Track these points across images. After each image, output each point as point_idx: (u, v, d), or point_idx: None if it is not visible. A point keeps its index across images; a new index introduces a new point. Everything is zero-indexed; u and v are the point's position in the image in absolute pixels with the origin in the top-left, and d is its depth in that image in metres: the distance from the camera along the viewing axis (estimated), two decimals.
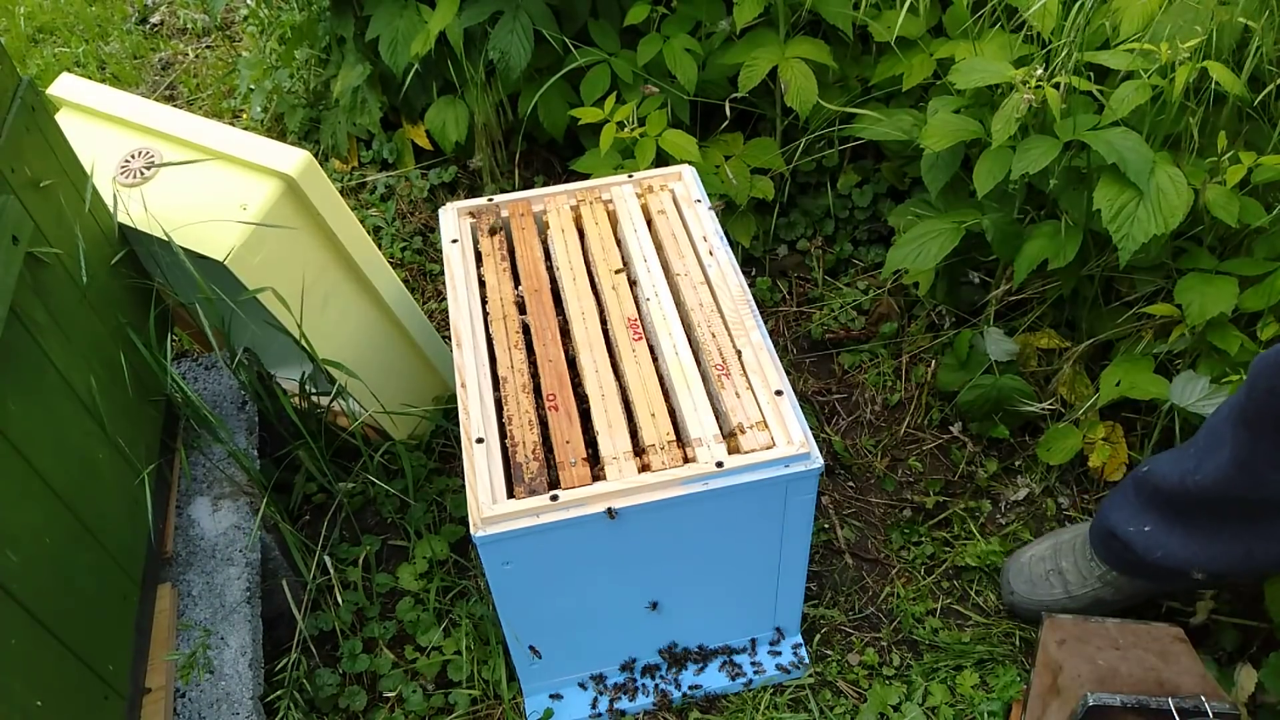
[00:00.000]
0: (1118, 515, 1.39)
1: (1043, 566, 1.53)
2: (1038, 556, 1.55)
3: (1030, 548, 1.57)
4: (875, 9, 1.85)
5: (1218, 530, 1.28)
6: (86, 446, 1.24)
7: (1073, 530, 1.55)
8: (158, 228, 1.40)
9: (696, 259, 1.45)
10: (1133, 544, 1.36)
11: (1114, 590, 1.45)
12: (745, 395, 1.27)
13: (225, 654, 1.38)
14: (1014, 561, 1.57)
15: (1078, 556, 1.49)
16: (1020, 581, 1.54)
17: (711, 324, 1.35)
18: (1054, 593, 1.50)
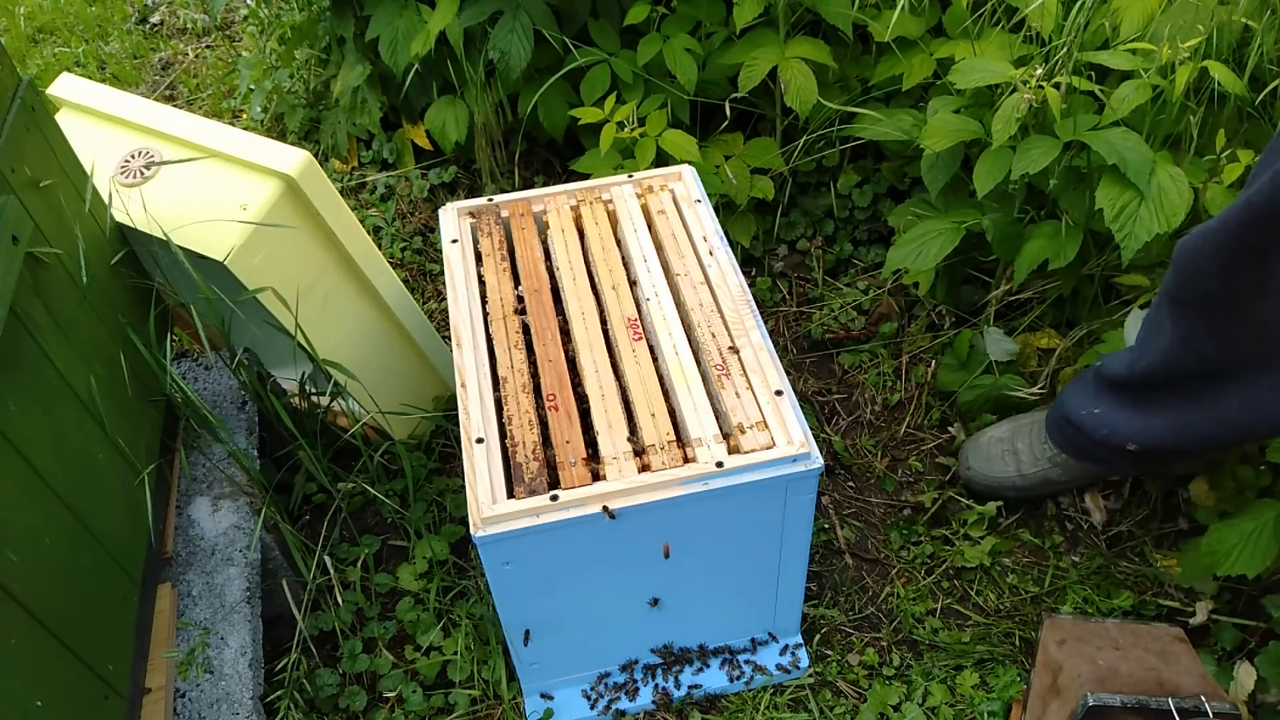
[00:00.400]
0: (1074, 401, 1.53)
1: (999, 447, 1.67)
2: (996, 438, 1.68)
3: (990, 430, 1.71)
4: (875, 9, 1.85)
5: (1160, 407, 1.43)
6: (86, 446, 1.24)
7: (1030, 416, 1.69)
8: (157, 228, 1.40)
9: (696, 259, 1.45)
10: (1084, 426, 1.51)
11: (1061, 471, 1.61)
12: (745, 395, 1.27)
13: (225, 654, 1.38)
14: (973, 442, 1.71)
15: (1033, 439, 1.63)
16: (978, 459, 1.68)
17: (711, 324, 1.35)
18: (1007, 470, 1.65)
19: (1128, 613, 1.57)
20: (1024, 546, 1.69)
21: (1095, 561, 1.64)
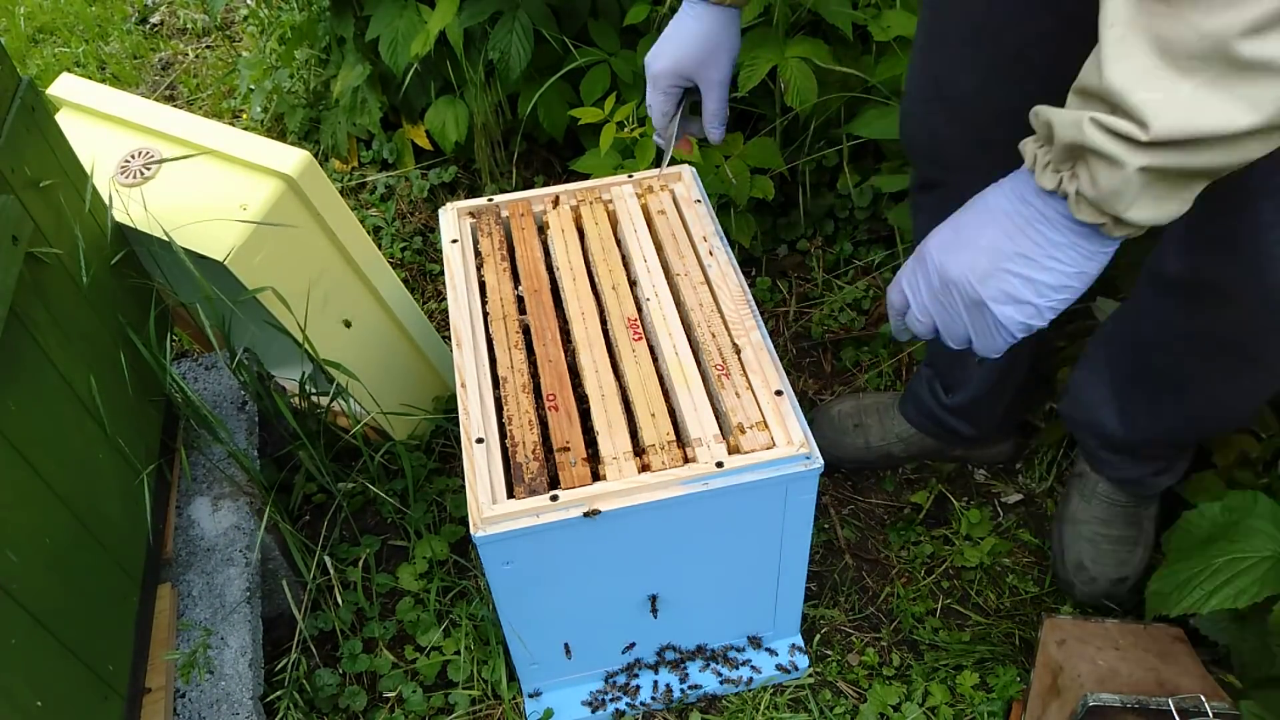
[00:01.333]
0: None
1: (849, 420, 1.78)
2: (844, 412, 1.80)
3: (837, 404, 1.81)
4: (875, 9, 1.85)
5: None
6: (86, 446, 1.24)
7: (873, 396, 1.81)
8: (157, 228, 1.40)
9: (696, 259, 1.45)
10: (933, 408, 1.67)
11: (904, 446, 1.74)
12: (745, 395, 1.27)
13: (225, 654, 1.38)
14: (823, 413, 1.81)
15: (883, 417, 1.76)
16: (829, 429, 1.78)
17: (711, 324, 1.35)
18: (855, 443, 1.76)
19: (1127, 613, 1.57)
20: (1024, 546, 1.69)
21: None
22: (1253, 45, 0.65)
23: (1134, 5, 0.69)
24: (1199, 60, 0.67)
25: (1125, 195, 0.75)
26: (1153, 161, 0.72)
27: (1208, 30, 0.66)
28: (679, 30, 1.29)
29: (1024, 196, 0.85)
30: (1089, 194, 0.78)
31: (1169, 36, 0.68)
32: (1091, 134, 0.74)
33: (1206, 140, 0.70)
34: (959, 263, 0.89)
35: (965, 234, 0.89)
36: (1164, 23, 0.68)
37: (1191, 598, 1.19)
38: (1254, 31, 0.64)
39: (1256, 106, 0.67)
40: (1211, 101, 0.68)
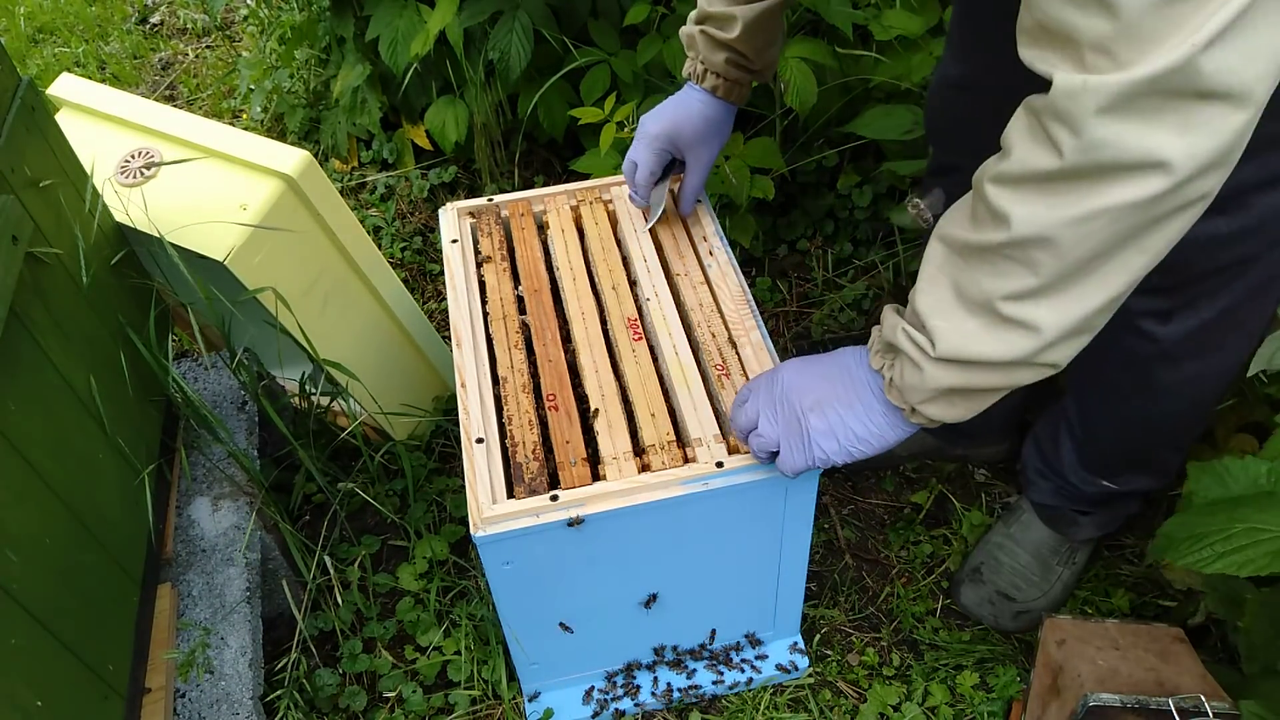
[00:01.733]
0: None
1: None
2: None
3: None
4: (875, 9, 1.85)
5: None
6: (86, 446, 1.24)
7: None
8: (156, 228, 1.39)
9: (696, 259, 1.45)
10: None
11: (905, 445, 1.75)
12: None
13: (225, 654, 1.38)
14: None
15: None
16: None
17: (711, 324, 1.35)
18: None
19: (1127, 614, 1.57)
20: None
21: (1094, 563, 1.64)
22: (1009, 307, 0.86)
23: (945, 255, 0.92)
24: (979, 306, 0.88)
25: (919, 392, 0.96)
26: (940, 373, 0.93)
27: (985, 289, 0.87)
28: (684, 106, 1.38)
29: (862, 363, 1.06)
30: (897, 383, 0.98)
31: (963, 285, 0.89)
32: (901, 339, 0.96)
33: (978, 364, 0.90)
34: (800, 386, 1.08)
35: (814, 369, 1.09)
36: (962, 274, 0.90)
37: (1199, 555, 1.17)
38: (1012, 298, 0.86)
39: (1011, 348, 0.88)
40: (983, 337, 0.89)
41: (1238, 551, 1.15)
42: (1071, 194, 0.79)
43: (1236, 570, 1.12)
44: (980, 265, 0.87)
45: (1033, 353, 0.88)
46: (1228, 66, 0.70)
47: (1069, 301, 0.85)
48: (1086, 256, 0.81)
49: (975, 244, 0.87)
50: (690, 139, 1.39)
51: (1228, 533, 1.17)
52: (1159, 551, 1.22)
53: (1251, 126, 0.75)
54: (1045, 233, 0.81)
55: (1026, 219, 0.81)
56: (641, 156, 1.41)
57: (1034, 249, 0.82)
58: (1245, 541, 1.15)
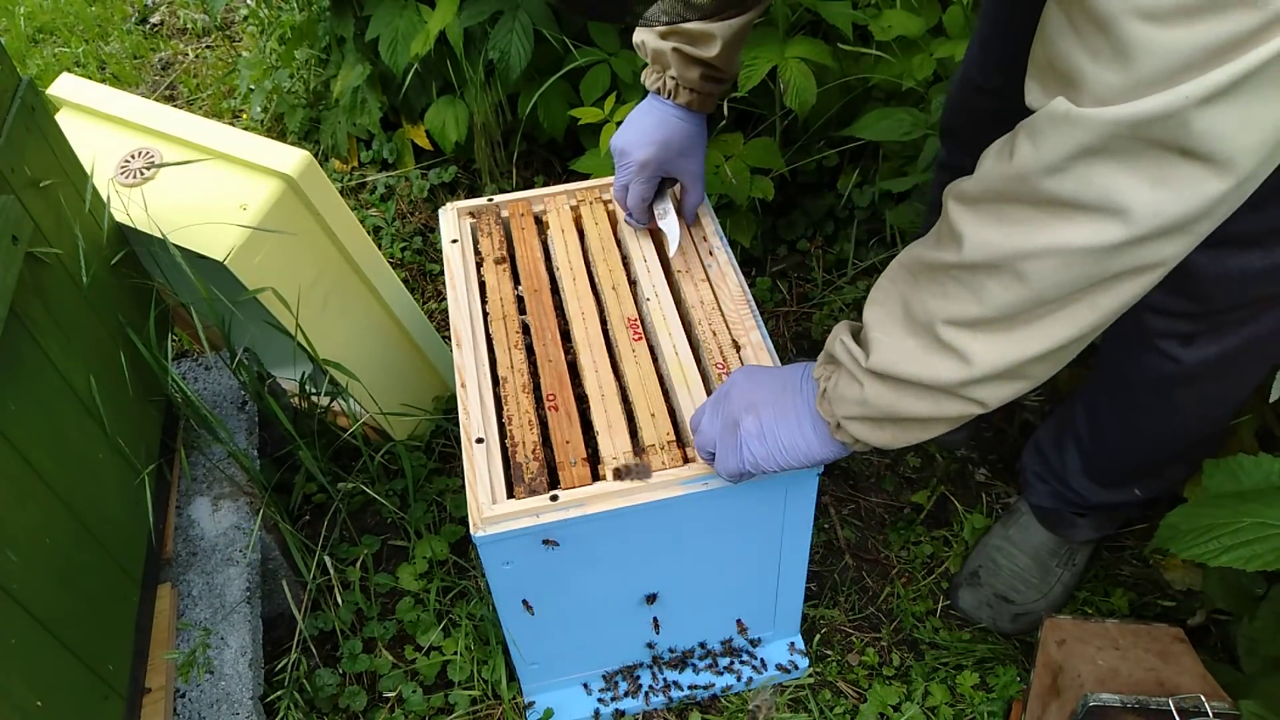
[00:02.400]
0: None
1: None
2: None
3: None
4: (875, 9, 1.85)
5: None
6: (86, 446, 1.24)
7: None
8: (157, 228, 1.40)
9: (697, 258, 1.45)
10: None
11: None
12: None
13: (225, 654, 1.38)
14: None
15: None
16: None
17: (712, 323, 1.35)
18: None
19: (1127, 614, 1.57)
20: None
21: (1094, 563, 1.64)
22: (948, 331, 0.85)
23: (899, 271, 0.92)
24: (921, 326, 0.88)
25: (847, 405, 0.96)
26: (870, 387, 0.93)
27: (929, 309, 0.86)
28: (665, 126, 1.36)
29: (807, 374, 1.06)
30: (830, 394, 0.98)
31: (910, 302, 0.89)
32: (839, 349, 0.97)
33: (907, 383, 0.90)
34: (743, 390, 1.08)
35: (763, 376, 1.09)
36: (911, 292, 0.89)
37: (1205, 548, 1.16)
38: (952, 323, 0.85)
39: (939, 373, 0.87)
40: (916, 356, 0.88)
41: (1245, 545, 1.14)
42: (1026, 224, 0.77)
43: (1244, 564, 1.12)
44: (929, 284, 0.87)
45: (959, 383, 0.87)
46: (1219, 129, 0.66)
47: (1006, 341, 0.83)
48: (1033, 299, 0.80)
49: (929, 261, 0.86)
50: (680, 159, 1.38)
51: (1234, 526, 1.16)
52: (1162, 542, 1.21)
53: (1229, 201, 0.71)
54: (994, 259, 0.79)
55: (979, 243, 0.80)
56: (635, 188, 1.39)
57: (983, 274, 0.81)
58: (1252, 536, 1.14)
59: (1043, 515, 1.58)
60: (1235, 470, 1.25)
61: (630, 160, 1.37)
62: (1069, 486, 1.51)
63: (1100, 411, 1.43)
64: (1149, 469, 1.45)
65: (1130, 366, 1.33)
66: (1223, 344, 1.21)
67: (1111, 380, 1.40)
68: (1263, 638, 1.23)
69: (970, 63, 1.39)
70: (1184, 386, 1.28)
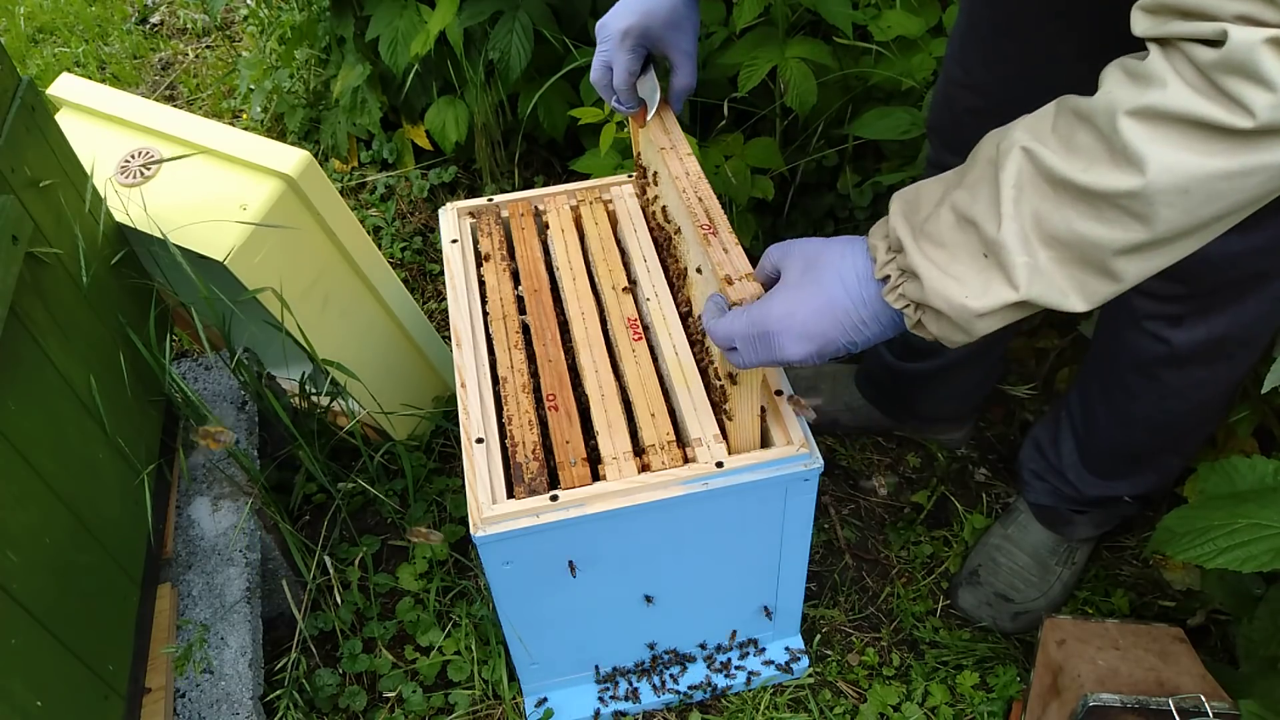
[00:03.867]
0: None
1: (802, 384, 1.85)
2: (802, 376, 1.87)
3: (798, 369, 1.86)
4: (875, 9, 1.85)
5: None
6: (86, 446, 1.24)
7: (833, 366, 1.88)
8: (157, 228, 1.40)
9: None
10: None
11: (851, 416, 1.83)
12: None
13: (225, 654, 1.38)
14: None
15: (836, 384, 1.84)
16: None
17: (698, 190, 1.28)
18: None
19: (1127, 614, 1.57)
20: None
21: (1094, 563, 1.64)
22: (1118, 261, 0.74)
23: (1032, 179, 0.76)
24: (1064, 247, 0.75)
25: (966, 314, 0.81)
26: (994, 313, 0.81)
27: (1079, 232, 0.74)
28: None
29: (863, 277, 0.92)
30: (915, 297, 0.85)
31: (1051, 221, 0.75)
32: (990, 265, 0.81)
33: (1036, 308, 0.79)
34: (782, 319, 0.94)
35: (805, 293, 0.94)
36: (1052, 210, 0.75)
37: (1201, 550, 1.16)
38: (1120, 252, 0.74)
39: (1089, 299, 0.77)
40: (1057, 280, 0.77)
41: (1241, 547, 1.14)
42: (1241, 150, 0.67)
43: (1239, 566, 1.13)
44: (1080, 207, 0.73)
45: (1098, 303, 0.77)
46: None
47: (1161, 256, 0.74)
48: (1215, 214, 0.71)
49: (1079, 184, 0.72)
50: (666, 31, 1.23)
51: (1230, 528, 1.16)
52: (1159, 545, 1.22)
53: None
54: (1186, 184, 0.69)
55: (1169, 167, 0.69)
56: (616, 58, 1.24)
57: (1161, 202, 0.70)
58: (1248, 537, 1.15)
59: (1042, 513, 1.58)
60: (1230, 472, 1.26)
61: (609, 31, 1.23)
62: (1066, 480, 1.52)
63: (1093, 398, 1.44)
64: (1143, 459, 1.46)
65: (1121, 351, 1.34)
66: (1209, 326, 1.22)
67: (1104, 365, 1.41)
68: (1260, 638, 1.23)
69: (951, 59, 1.38)
70: (1173, 369, 1.29)
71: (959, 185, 0.82)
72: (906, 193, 0.89)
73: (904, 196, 0.89)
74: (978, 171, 0.80)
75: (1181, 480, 1.59)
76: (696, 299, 1.33)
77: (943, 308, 0.82)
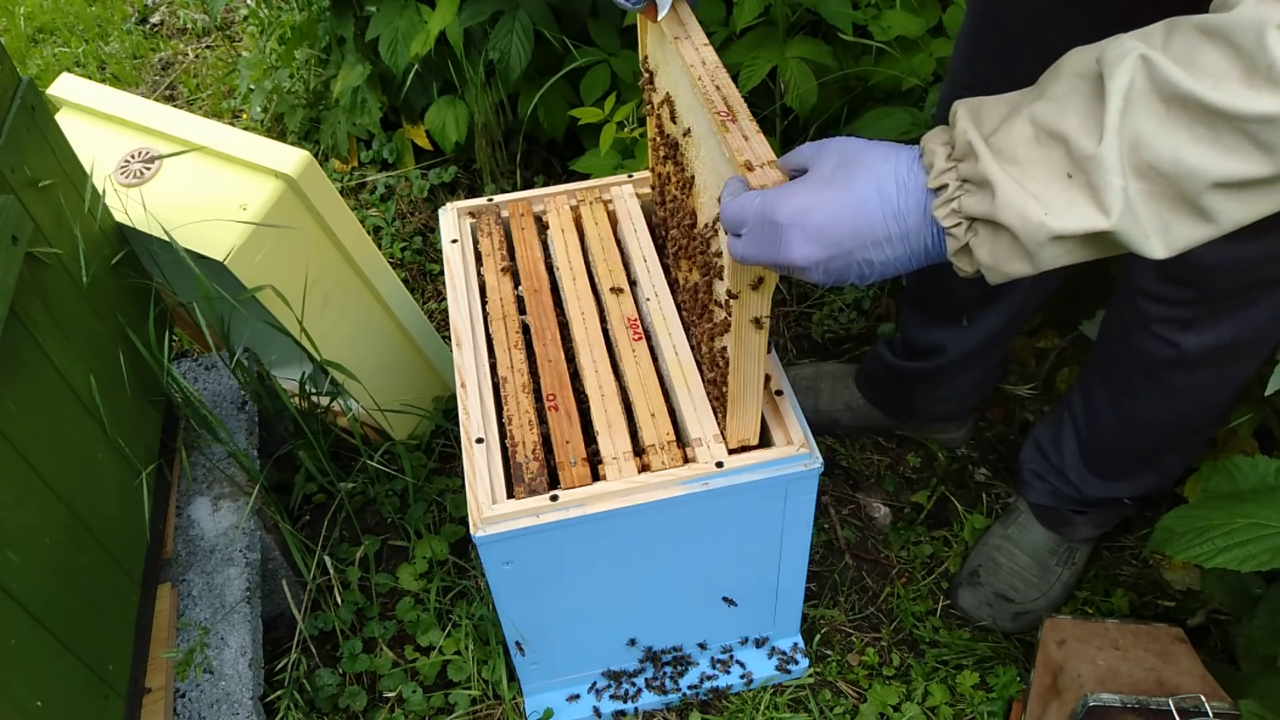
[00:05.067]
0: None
1: (802, 384, 1.84)
2: (801, 375, 1.86)
3: (796, 369, 1.88)
4: (875, 9, 1.85)
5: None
6: (86, 446, 1.24)
7: (832, 365, 1.88)
8: (157, 228, 1.40)
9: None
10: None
11: (851, 415, 1.82)
12: None
13: (225, 654, 1.38)
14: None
15: (835, 384, 1.83)
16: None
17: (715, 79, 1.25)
18: (805, 404, 1.78)
19: (1127, 614, 1.57)
20: None
21: (1094, 563, 1.64)
22: (1214, 198, 0.65)
23: (1145, 91, 0.66)
24: (1159, 179, 0.66)
25: (1042, 233, 0.71)
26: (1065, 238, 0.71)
27: (1183, 160, 0.65)
28: None
29: (905, 186, 0.80)
30: (976, 211, 0.74)
31: (1151, 143, 0.66)
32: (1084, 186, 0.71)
33: (1111, 248, 0.70)
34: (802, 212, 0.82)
35: (836, 191, 0.82)
36: (1157, 130, 0.66)
37: (1200, 549, 1.17)
38: (1225, 185, 0.65)
39: (1170, 243, 0.68)
40: (1143, 216, 0.67)
41: (1240, 546, 1.15)
42: None
43: (1238, 565, 1.13)
44: (1197, 129, 0.65)
45: (1179, 250, 0.69)
46: None
47: (1268, 200, 0.66)
48: None
49: (1205, 102, 0.64)
50: None
51: (1229, 527, 1.17)
52: (1158, 544, 1.22)
53: None
54: None
55: None
56: None
57: None
58: (1247, 536, 1.15)
59: (1042, 514, 1.58)
60: (1232, 472, 1.26)
61: None
62: (1067, 480, 1.52)
63: (1097, 398, 1.44)
64: (1145, 459, 1.46)
65: (1128, 352, 1.34)
66: (1219, 330, 1.22)
67: (1109, 367, 1.41)
68: (1260, 638, 1.23)
69: (958, 61, 1.38)
70: (1181, 372, 1.29)
71: (1039, 98, 0.72)
72: (970, 102, 0.78)
73: (968, 104, 0.78)
74: (1065, 84, 0.70)
75: (1182, 481, 1.59)
76: (702, 208, 1.23)
77: (1015, 224, 0.71)
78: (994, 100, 0.77)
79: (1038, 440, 1.58)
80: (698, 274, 1.24)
